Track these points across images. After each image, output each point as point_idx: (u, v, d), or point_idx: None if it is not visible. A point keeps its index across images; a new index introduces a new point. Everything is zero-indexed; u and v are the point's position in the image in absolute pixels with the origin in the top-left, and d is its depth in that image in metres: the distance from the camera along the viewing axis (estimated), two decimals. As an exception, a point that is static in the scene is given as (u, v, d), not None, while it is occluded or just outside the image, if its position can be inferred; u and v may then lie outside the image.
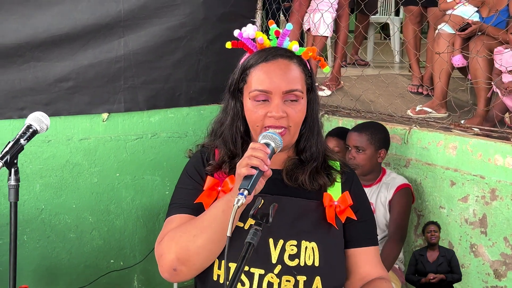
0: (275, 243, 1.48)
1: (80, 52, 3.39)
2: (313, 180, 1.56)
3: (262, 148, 1.39)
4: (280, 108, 1.49)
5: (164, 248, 1.50)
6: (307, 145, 1.58)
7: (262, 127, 1.50)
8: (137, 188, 3.70)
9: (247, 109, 1.53)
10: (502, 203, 2.63)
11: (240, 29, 1.57)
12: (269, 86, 1.49)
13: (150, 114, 3.68)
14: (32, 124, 1.69)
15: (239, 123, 1.57)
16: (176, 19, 3.62)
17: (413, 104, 3.72)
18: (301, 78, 1.53)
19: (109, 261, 3.69)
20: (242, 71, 1.55)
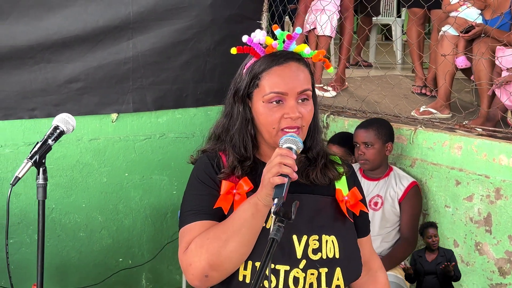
0: (299, 239, 1.54)
1: (89, 54, 3.45)
2: (324, 175, 1.64)
3: (289, 155, 1.44)
4: (296, 108, 1.54)
5: (193, 257, 1.50)
6: (313, 143, 1.65)
7: (278, 129, 1.55)
8: (145, 187, 3.76)
9: (260, 113, 1.57)
10: (506, 202, 2.69)
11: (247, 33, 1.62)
12: (285, 88, 1.54)
13: (158, 115, 3.74)
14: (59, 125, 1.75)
15: (250, 127, 1.61)
16: (183, 21, 3.68)
17: (417, 105, 3.77)
18: (309, 79, 1.61)
19: (118, 260, 3.74)
20: (252, 77, 1.60)
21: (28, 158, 1.58)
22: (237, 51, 1.66)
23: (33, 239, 3.41)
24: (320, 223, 1.58)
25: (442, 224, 3.01)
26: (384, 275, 1.79)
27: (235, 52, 1.66)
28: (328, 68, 1.73)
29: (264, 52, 1.61)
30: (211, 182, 1.61)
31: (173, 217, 3.83)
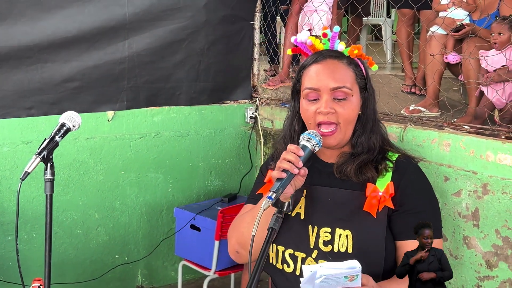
0: (312, 230, 1.61)
1: (86, 54, 3.51)
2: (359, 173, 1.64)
3: (295, 151, 1.51)
4: (328, 104, 1.60)
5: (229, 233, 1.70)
6: (358, 140, 1.68)
7: (314, 124, 1.62)
8: (141, 185, 3.82)
9: (301, 108, 1.66)
10: (493, 197, 2.77)
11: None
12: (317, 84, 1.62)
13: (153, 114, 3.80)
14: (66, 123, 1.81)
15: (296, 122, 1.70)
16: (178, 21, 3.75)
17: (406, 103, 3.86)
18: (351, 77, 1.64)
19: (114, 256, 3.80)
20: (298, 73, 1.68)
21: (37, 154, 1.66)
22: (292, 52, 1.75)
23: (31, 236, 3.46)
24: (336, 216, 1.61)
25: (431, 219, 3.09)
26: None
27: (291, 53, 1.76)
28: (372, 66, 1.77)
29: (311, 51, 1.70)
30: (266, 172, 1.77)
31: (168, 214, 3.89)
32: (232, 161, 4.13)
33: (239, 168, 4.15)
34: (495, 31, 3.24)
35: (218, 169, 4.08)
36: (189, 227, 3.48)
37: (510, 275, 2.73)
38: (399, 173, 1.67)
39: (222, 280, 3.78)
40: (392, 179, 1.66)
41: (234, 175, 4.13)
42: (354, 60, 1.67)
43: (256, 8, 4.07)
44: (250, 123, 4.13)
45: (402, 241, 1.65)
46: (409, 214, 1.64)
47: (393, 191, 1.64)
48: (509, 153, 2.69)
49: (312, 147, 1.55)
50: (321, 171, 1.67)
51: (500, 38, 3.22)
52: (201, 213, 3.41)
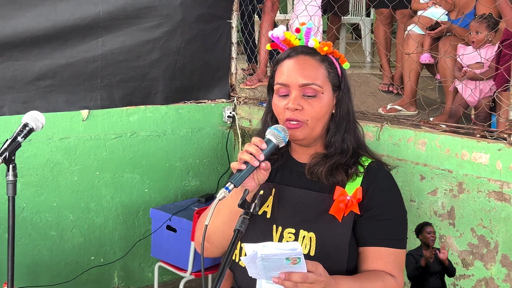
0: (276, 230, 1.59)
1: (58, 52, 3.46)
2: (330, 175, 1.61)
3: (257, 144, 1.49)
4: (295, 100, 1.58)
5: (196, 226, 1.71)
6: (332, 140, 1.65)
7: (282, 120, 1.60)
8: (116, 186, 3.77)
9: (273, 103, 1.64)
10: (469, 195, 2.77)
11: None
12: (287, 80, 1.59)
13: (129, 113, 3.75)
14: (29, 123, 1.77)
15: (269, 117, 1.67)
16: (153, 20, 3.71)
17: (384, 102, 3.86)
18: (322, 74, 1.61)
19: (90, 258, 3.74)
20: (272, 68, 1.66)
21: (-2, 155, 1.61)
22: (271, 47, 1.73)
23: (4, 238, 3.40)
24: (301, 218, 1.59)
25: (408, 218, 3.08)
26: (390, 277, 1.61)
27: (270, 48, 1.73)
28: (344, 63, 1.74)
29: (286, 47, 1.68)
30: None
31: (145, 215, 3.85)
32: (209, 161, 4.10)
33: (217, 168, 4.12)
34: (473, 30, 3.25)
35: (195, 169, 4.04)
36: (165, 228, 3.44)
37: (486, 274, 2.74)
38: (369, 179, 1.65)
39: (199, 281, 3.74)
40: (362, 184, 1.63)
41: (211, 175, 4.10)
42: (329, 58, 1.65)
43: (233, 7, 4.04)
44: (228, 123, 4.10)
45: (365, 247, 1.61)
46: (374, 220, 1.62)
47: (361, 196, 1.61)
48: (484, 152, 2.70)
49: (277, 142, 1.53)
50: (292, 170, 1.64)
51: (477, 36, 3.24)
52: (177, 214, 3.37)
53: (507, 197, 2.61)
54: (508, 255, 2.63)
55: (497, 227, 2.68)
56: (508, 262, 2.63)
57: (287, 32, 1.65)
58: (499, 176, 2.64)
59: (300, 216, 1.60)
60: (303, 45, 1.66)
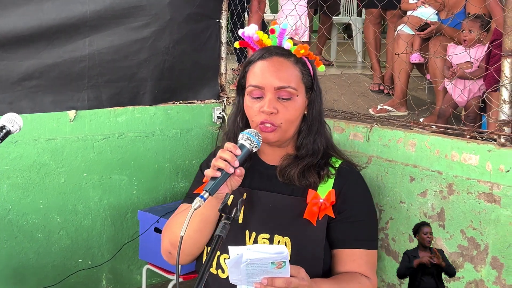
0: (249, 235, 1.55)
1: (44, 52, 3.41)
2: (302, 177, 1.59)
3: (231, 150, 1.46)
4: (271, 104, 1.55)
5: (163, 233, 1.66)
6: (304, 142, 1.63)
7: (256, 123, 1.56)
8: (104, 187, 3.73)
9: (245, 105, 1.60)
10: (459, 197, 2.75)
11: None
12: (262, 82, 1.56)
13: (117, 114, 3.71)
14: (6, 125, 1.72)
15: (239, 118, 1.63)
16: (142, 19, 3.67)
17: (374, 103, 3.83)
18: (297, 76, 1.58)
19: (77, 261, 3.70)
20: (243, 68, 1.62)
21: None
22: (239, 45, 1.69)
23: (-11, 241, 3.36)
24: (275, 222, 1.56)
25: (397, 219, 3.07)
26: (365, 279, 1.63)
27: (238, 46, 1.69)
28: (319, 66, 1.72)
29: (258, 46, 1.64)
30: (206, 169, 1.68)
31: (133, 217, 3.81)
32: (199, 162, 3.99)
33: (206, 169, 4.08)
34: (465, 29, 3.23)
35: (184, 170, 4.00)
36: (152, 230, 3.41)
37: (476, 276, 2.71)
38: (341, 180, 1.64)
39: (188, 284, 3.70)
40: (334, 186, 1.62)
41: (201, 176, 4.06)
42: (302, 59, 1.62)
43: (223, 6, 4.01)
44: (218, 123, 4.07)
45: (339, 250, 1.61)
46: (347, 222, 1.61)
47: (334, 199, 1.59)
48: (473, 153, 2.67)
49: (251, 147, 1.50)
50: (263, 174, 1.61)
51: (469, 35, 3.22)
52: (165, 216, 3.33)
53: (497, 199, 2.59)
54: (498, 257, 2.61)
55: (487, 229, 2.66)
56: (498, 264, 2.61)
57: (260, 32, 1.61)
58: (489, 178, 2.62)
59: (274, 220, 1.57)
60: (277, 46, 1.62)
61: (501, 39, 2.60)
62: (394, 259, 3.11)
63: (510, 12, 2.52)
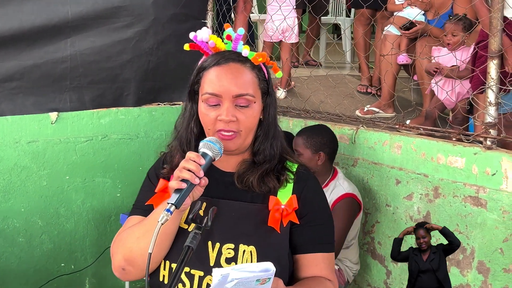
0: (212, 246, 1.50)
1: (25, 53, 3.37)
2: (262, 183, 1.55)
3: (195, 159, 1.40)
4: (230, 112, 1.49)
5: (113, 248, 1.56)
6: (261, 147, 1.58)
7: (214, 131, 1.51)
8: (87, 190, 3.67)
9: (200, 112, 1.53)
10: (444, 200, 2.72)
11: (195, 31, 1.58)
12: (219, 90, 1.50)
13: (100, 115, 3.65)
14: None
15: (193, 124, 1.57)
16: (125, 20, 3.62)
17: (361, 104, 3.79)
18: (254, 83, 1.53)
19: (60, 265, 3.64)
20: (196, 73, 1.56)
21: None
22: (190, 48, 1.62)
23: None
24: (239, 231, 1.50)
25: (383, 223, 3.03)
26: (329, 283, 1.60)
27: (188, 49, 1.62)
28: (276, 72, 1.67)
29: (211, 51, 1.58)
30: (156, 179, 1.62)
31: (117, 220, 3.75)
32: (184, 164, 4.00)
33: (192, 171, 4.03)
34: (448, 32, 3.18)
35: (169, 172, 3.94)
36: (135, 234, 3.34)
37: (462, 281, 2.68)
38: (300, 185, 1.59)
39: None
40: (294, 191, 1.57)
41: (186, 179, 4.01)
42: (258, 65, 1.56)
43: (208, 6, 3.96)
44: (203, 125, 4.00)
45: (302, 255, 1.57)
46: (308, 227, 1.56)
47: (297, 205, 1.55)
48: (459, 156, 2.64)
49: (213, 155, 1.44)
50: (219, 181, 1.56)
51: (453, 38, 3.18)
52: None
53: (483, 202, 2.55)
54: (484, 262, 2.58)
55: (473, 233, 2.62)
56: (484, 269, 2.58)
57: (213, 36, 1.55)
58: (475, 181, 2.58)
59: (238, 229, 1.51)
60: (232, 51, 1.56)
61: (487, 40, 2.56)
62: (380, 263, 3.08)
63: (495, 13, 2.49)
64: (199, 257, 1.45)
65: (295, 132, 3.39)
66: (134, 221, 1.57)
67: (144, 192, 1.64)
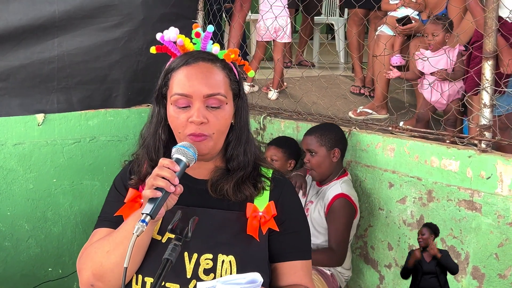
0: (189, 257, 1.43)
1: (11, 53, 3.30)
2: (238, 191, 1.49)
3: (170, 166, 1.34)
4: (200, 113, 1.42)
5: (81, 264, 1.47)
6: (234, 153, 1.51)
7: (184, 135, 1.44)
8: (75, 193, 3.60)
9: (169, 115, 1.46)
10: (438, 204, 2.66)
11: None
12: (189, 90, 1.43)
13: (88, 117, 3.58)
14: None
15: (161, 130, 1.50)
16: (113, 19, 3.55)
17: (354, 105, 3.73)
18: (225, 83, 1.46)
19: (47, 270, 3.57)
20: (164, 76, 1.49)
21: None
22: (156, 50, 1.55)
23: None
24: (217, 240, 1.44)
25: (376, 227, 2.97)
26: None
27: (155, 52, 1.56)
28: (248, 71, 1.61)
29: (180, 52, 1.52)
30: (123, 189, 1.55)
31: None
32: (175, 166, 3.94)
33: (183, 173, 3.97)
34: (429, 32, 3.12)
35: (159, 175, 3.88)
36: (123, 239, 3.28)
37: (457, 286, 2.62)
38: (277, 191, 1.53)
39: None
40: (272, 198, 1.51)
41: (177, 181, 3.95)
42: (228, 64, 1.49)
43: (198, 6, 3.90)
44: (194, 126, 3.94)
45: (281, 263, 1.51)
46: (286, 234, 1.50)
47: (275, 211, 1.49)
48: (453, 159, 2.58)
49: (188, 161, 1.37)
50: (191, 189, 1.49)
51: (434, 39, 3.11)
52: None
53: (478, 206, 2.50)
54: (479, 267, 2.52)
55: (467, 238, 2.56)
56: (479, 274, 2.52)
57: (181, 35, 1.48)
58: (469, 184, 2.53)
59: (216, 238, 1.44)
60: (201, 51, 1.49)
61: (482, 40, 2.51)
62: (373, 268, 3.02)
63: (490, 12, 2.44)
64: (174, 269, 1.36)
65: (287, 134, 3.35)
66: (102, 234, 1.49)
67: (111, 203, 1.56)
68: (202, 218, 1.42)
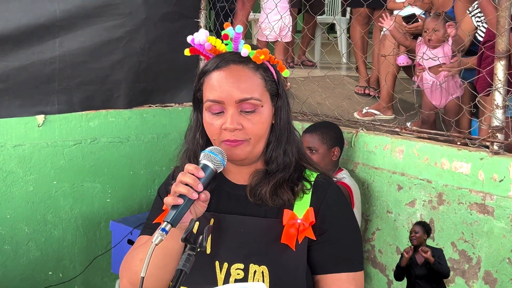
0: (220, 267, 1.37)
1: (11, 54, 3.23)
2: (275, 195, 1.41)
3: (193, 172, 1.28)
4: (234, 119, 1.36)
5: (121, 271, 1.49)
6: (273, 155, 1.44)
7: (219, 141, 1.38)
8: (76, 196, 3.54)
9: (204, 122, 1.41)
10: (449, 207, 2.60)
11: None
12: (220, 96, 1.37)
13: (89, 118, 3.52)
14: None
15: (199, 135, 1.45)
16: (115, 19, 3.49)
17: (360, 106, 3.68)
18: (259, 85, 1.39)
19: (47, 274, 3.51)
20: (198, 80, 1.44)
21: None
22: (190, 53, 1.49)
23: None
24: (250, 250, 1.37)
25: (384, 230, 2.92)
26: None
27: (189, 54, 1.49)
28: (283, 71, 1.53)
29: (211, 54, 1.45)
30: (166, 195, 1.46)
31: (107, 227, 3.62)
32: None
33: (185, 175, 3.91)
34: (429, 28, 3.08)
35: (161, 177, 3.81)
36: (125, 242, 3.22)
37: (467, 291, 2.57)
38: (319, 196, 1.44)
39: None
40: (311, 204, 1.43)
41: (179, 183, 3.89)
42: (263, 64, 1.42)
43: (201, 5, 3.84)
44: (196, 128, 3.89)
45: (323, 275, 1.41)
46: (330, 244, 1.41)
47: (314, 219, 1.41)
48: (465, 161, 2.52)
49: (215, 167, 1.31)
50: (230, 195, 1.43)
51: (435, 34, 3.07)
52: (139, 227, 3.15)
53: (490, 210, 2.44)
54: (491, 272, 2.46)
55: (479, 242, 2.51)
56: (491, 279, 2.47)
57: (212, 38, 1.42)
58: (481, 187, 2.47)
59: (248, 248, 1.38)
60: (232, 52, 1.43)
61: (494, 40, 2.45)
62: (381, 272, 2.96)
63: (503, 11, 2.38)
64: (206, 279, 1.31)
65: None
66: (142, 241, 1.48)
67: (154, 210, 1.53)
68: (234, 225, 1.36)
